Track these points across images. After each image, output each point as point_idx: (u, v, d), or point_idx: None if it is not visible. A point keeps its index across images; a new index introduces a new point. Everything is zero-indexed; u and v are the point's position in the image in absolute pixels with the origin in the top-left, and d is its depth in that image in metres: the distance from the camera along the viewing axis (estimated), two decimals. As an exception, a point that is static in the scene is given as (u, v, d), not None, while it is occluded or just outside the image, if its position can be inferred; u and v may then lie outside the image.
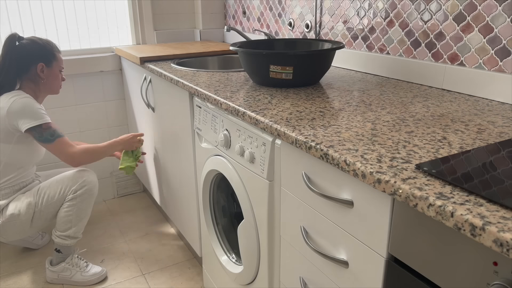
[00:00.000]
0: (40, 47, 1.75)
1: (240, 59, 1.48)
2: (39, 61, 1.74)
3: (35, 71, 1.75)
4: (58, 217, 1.78)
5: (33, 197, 1.74)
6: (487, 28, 1.22)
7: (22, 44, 1.73)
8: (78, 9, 2.36)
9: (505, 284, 0.56)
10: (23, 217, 1.72)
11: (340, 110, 1.14)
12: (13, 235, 1.77)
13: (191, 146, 1.65)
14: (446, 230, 0.65)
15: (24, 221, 1.73)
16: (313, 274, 1.03)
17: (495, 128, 0.97)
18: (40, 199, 1.74)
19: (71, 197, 1.76)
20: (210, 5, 2.60)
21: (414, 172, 0.74)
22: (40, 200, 1.74)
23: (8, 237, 1.77)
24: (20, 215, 1.71)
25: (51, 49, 1.78)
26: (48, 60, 1.77)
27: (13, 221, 1.71)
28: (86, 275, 1.87)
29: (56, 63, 1.80)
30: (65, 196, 1.76)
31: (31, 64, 1.74)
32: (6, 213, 1.70)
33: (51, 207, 1.76)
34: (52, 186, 1.76)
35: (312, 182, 0.96)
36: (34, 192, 1.75)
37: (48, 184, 1.77)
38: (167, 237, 2.24)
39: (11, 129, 1.66)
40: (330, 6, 1.78)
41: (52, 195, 1.75)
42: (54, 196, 1.75)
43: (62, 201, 1.76)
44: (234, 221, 1.62)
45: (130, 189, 2.73)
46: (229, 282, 1.52)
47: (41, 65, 1.75)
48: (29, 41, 1.74)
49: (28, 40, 1.74)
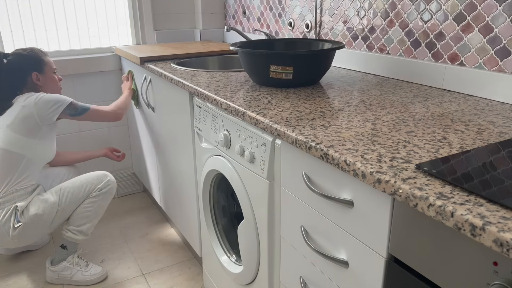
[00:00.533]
0: (27, 58, 1.79)
1: (240, 59, 1.48)
2: (31, 71, 1.79)
3: (31, 81, 1.79)
4: (76, 212, 1.81)
5: (56, 196, 1.76)
6: (487, 28, 1.22)
7: (9, 61, 1.78)
8: (78, 9, 2.36)
9: (505, 284, 0.56)
10: (46, 217, 1.73)
11: (340, 110, 1.14)
12: (33, 236, 1.77)
13: (191, 146, 1.65)
14: (446, 230, 0.65)
15: (45, 221, 1.74)
16: (313, 274, 1.03)
17: (495, 128, 0.97)
18: (63, 198, 1.77)
19: (96, 194, 1.84)
20: (210, 5, 2.60)
21: (414, 172, 0.74)
22: (64, 199, 1.77)
23: (28, 239, 1.76)
24: (44, 215, 1.72)
25: (36, 56, 1.82)
26: (39, 67, 1.81)
27: (35, 222, 1.71)
28: (87, 275, 1.88)
29: (47, 67, 1.84)
30: (89, 193, 1.83)
31: (25, 76, 1.78)
32: (29, 214, 1.70)
33: (73, 205, 1.80)
34: (76, 185, 1.81)
35: (312, 182, 0.96)
36: (56, 192, 1.77)
37: (71, 183, 1.81)
38: (167, 237, 2.24)
39: (40, 122, 1.70)
40: (330, 6, 1.78)
41: (76, 193, 1.80)
42: (79, 194, 1.80)
43: (85, 198, 1.82)
44: (234, 221, 1.62)
45: (130, 189, 2.73)
46: (229, 282, 1.52)
47: (34, 74, 1.79)
48: (15, 56, 1.79)
49: (13, 55, 1.79)
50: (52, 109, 1.72)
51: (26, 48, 1.82)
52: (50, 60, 1.86)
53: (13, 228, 1.68)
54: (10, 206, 1.68)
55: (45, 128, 1.73)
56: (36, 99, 1.70)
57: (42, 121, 1.71)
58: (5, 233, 1.68)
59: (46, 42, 2.33)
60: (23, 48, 1.83)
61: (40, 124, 1.71)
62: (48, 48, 2.33)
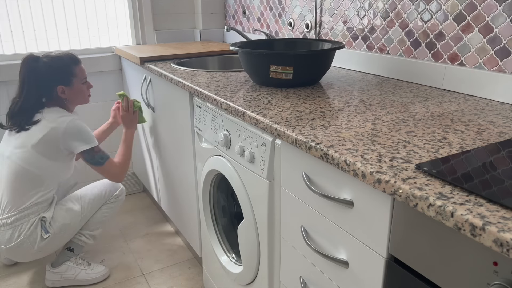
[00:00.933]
0: (55, 70, 1.69)
1: (240, 59, 1.48)
2: (57, 85, 1.70)
3: (56, 94, 1.72)
4: (93, 217, 1.84)
5: (78, 204, 1.77)
6: (487, 28, 1.22)
7: (39, 68, 1.68)
8: (78, 9, 2.36)
9: (505, 284, 0.56)
10: (73, 225, 1.74)
11: (340, 110, 1.14)
12: (57, 246, 1.76)
13: (191, 146, 1.65)
14: (446, 230, 0.65)
15: (72, 229, 1.75)
16: (313, 274, 1.03)
17: (495, 128, 0.97)
18: (85, 205, 1.79)
19: (113, 200, 1.89)
20: (210, 5, 2.60)
21: (414, 172, 0.74)
22: (85, 206, 1.79)
23: (50, 250, 1.74)
24: (71, 223, 1.73)
25: (66, 67, 1.72)
26: (66, 80, 1.72)
27: (63, 231, 1.72)
28: (91, 273, 1.88)
29: (76, 79, 1.74)
30: (106, 200, 1.86)
31: (51, 88, 1.70)
32: (57, 224, 1.69)
33: (92, 211, 1.83)
34: (95, 192, 1.83)
35: (312, 182, 0.96)
36: (77, 200, 1.78)
37: (89, 191, 1.83)
38: (167, 237, 2.24)
39: (62, 148, 1.67)
40: (330, 6, 1.78)
41: (97, 199, 1.83)
42: (99, 201, 1.84)
43: (102, 204, 1.85)
44: (234, 221, 1.62)
45: (130, 189, 2.73)
46: (229, 282, 1.52)
47: (60, 88, 1.71)
48: (45, 65, 1.68)
49: (43, 63, 1.68)
50: (77, 142, 1.67)
51: (56, 57, 1.70)
52: (81, 69, 1.76)
53: (40, 240, 1.66)
54: (34, 218, 1.66)
55: (66, 153, 1.70)
56: (67, 126, 1.64)
57: (64, 148, 1.67)
58: (29, 246, 1.66)
59: (46, 42, 2.33)
60: (53, 55, 1.71)
61: (62, 150, 1.68)
62: (48, 48, 2.33)
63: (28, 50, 2.28)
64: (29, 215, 1.65)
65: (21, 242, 1.64)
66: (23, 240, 1.64)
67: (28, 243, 1.66)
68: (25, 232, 1.64)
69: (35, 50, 2.29)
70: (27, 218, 1.65)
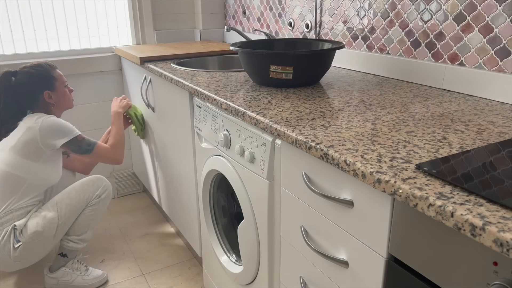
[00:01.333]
0: (37, 77, 1.72)
1: (240, 59, 1.48)
2: (43, 90, 1.72)
3: (43, 100, 1.73)
4: (76, 222, 1.76)
5: (53, 211, 1.68)
6: (487, 28, 1.22)
7: (18, 81, 1.70)
8: (78, 9, 2.36)
9: (505, 284, 0.56)
10: (47, 233, 1.66)
11: (340, 110, 1.14)
12: (36, 255, 1.69)
13: (191, 146, 1.65)
14: (446, 230, 0.65)
15: (47, 238, 1.67)
16: (313, 274, 1.03)
17: (495, 128, 0.97)
18: (62, 211, 1.70)
19: (95, 201, 1.78)
20: (210, 5, 2.60)
21: (414, 172, 0.74)
22: (63, 212, 1.70)
23: (31, 259, 1.68)
24: (44, 231, 1.64)
25: (46, 73, 1.75)
26: (50, 85, 1.75)
27: (36, 240, 1.64)
28: (87, 279, 1.85)
29: (58, 83, 1.77)
30: (88, 202, 1.77)
31: (37, 96, 1.72)
32: (27, 232, 1.62)
33: (73, 216, 1.73)
34: (72, 195, 1.74)
35: (312, 182, 0.96)
36: (53, 206, 1.70)
37: (66, 195, 1.73)
38: (167, 237, 2.24)
39: (42, 147, 1.64)
40: (330, 6, 1.78)
41: (75, 204, 1.73)
42: (78, 205, 1.74)
43: (84, 208, 1.76)
44: (234, 221, 1.62)
45: (130, 189, 2.73)
46: (229, 282, 1.52)
47: (46, 93, 1.73)
48: (23, 75, 1.71)
49: (22, 74, 1.71)
50: (56, 137, 1.65)
51: (34, 65, 1.74)
52: (59, 74, 1.79)
53: (13, 249, 1.60)
54: (8, 226, 1.60)
55: (48, 152, 1.67)
56: (42, 124, 1.63)
57: (44, 146, 1.64)
58: (5, 255, 1.61)
59: (46, 42, 2.33)
60: (30, 65, 1.75)
61: (43, 149, 1.65)
62: (48, 48, 2.33)
63: (28, 50, 2.28)
64: (3, 224, 1.60)
65: None
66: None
67: (4, 252, 1.60)
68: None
69: (35, 50, 2.29)
70: (1, 226, 1.60)
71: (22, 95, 1.71)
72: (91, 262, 2.03)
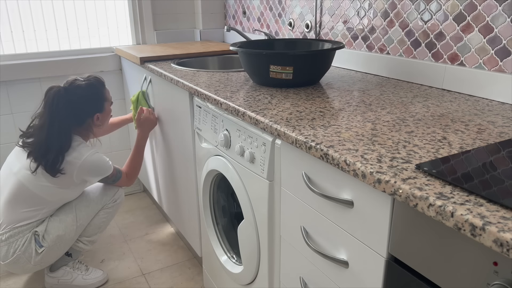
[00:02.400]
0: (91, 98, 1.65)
1: (240, 59, 1.48)
2: (94, 113, 1.68)
3: (91, 122, 1.69)
4: (91, 224, 1.78)
5: (71, 213, 1.70)
6: (487, 28, 1.22)
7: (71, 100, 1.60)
8: (78, 9, 2.36)
9: (505, 284, 0.56)
10: (67, 236, 1.68)
11: (340, 110, 1.14)
12: (55, 257, 1.73)
13: (191, 146, 1.65)
14: (446, 230, 0.65)
15: (67, 240, 1.70)
16: (313, 274, 1.03)
17: (495, 128, 0.97)
18: (80, 214, 1.72)
19: (111, 205, 1.81)
20: (210, 5, 2.60)
21: (414, 172, 0.74)
22: (80, 214, 1.72)
23: (48, 262, 1.71)
24: (65, 234, 1.68)
25: (101, 94, 1.68)
26: (101, 106, 1.70)
27: (58, 243, 1.67)
28: (88, 278, 1.86)
29: (107, 103, 1.73)
30: (104, 205, 1.79)
31: (85, 118, 1.67)
32: (50, 237, 1.65)
33: (89, 218, 1.76)
34: (90, 199, 1.75)
35: (312, 182, 0.96)
36: (70, 209, 1.71)
37: (84, 198, 1.75)
38: (167, 237, 2.24)
39: (75, 180, 1.64)
40: (330, 6, 1.78)
41: (92, 206, 1.75)
42: (94, 207, 1.76)
43: (99, 210, 1.78)
44: (234, 221, 1.62)
45: (130, 189, 2.73)
46: (229, 282, 1.52)
47: (96, 116, 1.69)
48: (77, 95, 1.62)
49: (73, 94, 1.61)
50: (92, 176, 1.67)
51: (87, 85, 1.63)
52: (108, 91, 1.74)
53: (35, 254, 1.63)
54: (28, 233, 1.62)
55: (78, 183, 1.67)
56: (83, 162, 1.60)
57: (77, 179, 1.64)
58: (26, 261, 1.63)
59: (46, 42, 2.33)
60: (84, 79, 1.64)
61: (75, 181, 1.65)
62: (48, 48, 2.33)
63: (28, 50, 2.28)
64: (23, 231, 1.62)
65: (17, 258, 1.62)
66: (18, 256, 1.61)
67: (24, 258, 1.63)
68: (19, 248, 1.61)
69: (35, 50, 2.29)
70: (21, 234, 1.62)
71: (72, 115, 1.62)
72: (91, 262, 2.03)
